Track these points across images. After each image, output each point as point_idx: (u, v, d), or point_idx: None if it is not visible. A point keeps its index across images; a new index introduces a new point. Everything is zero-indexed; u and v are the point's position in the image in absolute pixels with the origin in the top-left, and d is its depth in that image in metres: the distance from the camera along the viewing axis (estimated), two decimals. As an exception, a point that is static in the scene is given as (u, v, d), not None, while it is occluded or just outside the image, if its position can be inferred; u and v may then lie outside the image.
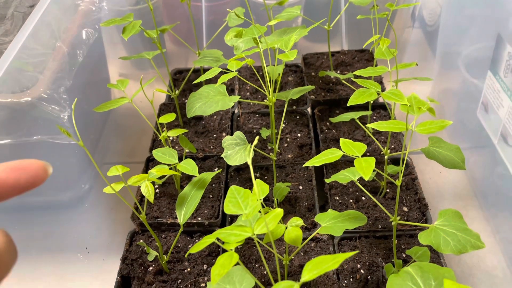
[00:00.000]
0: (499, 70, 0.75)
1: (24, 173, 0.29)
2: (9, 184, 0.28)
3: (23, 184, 0.29)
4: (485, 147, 0.83)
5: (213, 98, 0.69)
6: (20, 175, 0.29)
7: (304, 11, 1.16)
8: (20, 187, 0.29)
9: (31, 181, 0.29)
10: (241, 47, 0.74)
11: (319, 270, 0.37)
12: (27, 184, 0.29)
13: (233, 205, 0.48)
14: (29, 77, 0.72)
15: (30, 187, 0.29)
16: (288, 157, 0.85)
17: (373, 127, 0.55)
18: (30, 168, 0.29)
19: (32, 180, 0.29)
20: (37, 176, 0.29)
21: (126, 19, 0.74)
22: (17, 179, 0.29)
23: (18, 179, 0.29)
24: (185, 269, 0.69)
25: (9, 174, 0.28)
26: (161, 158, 0.67)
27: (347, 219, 0.58)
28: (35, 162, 0.30)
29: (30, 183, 0.29)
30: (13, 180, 0.28)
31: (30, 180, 0.29)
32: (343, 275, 0.67)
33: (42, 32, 0.79)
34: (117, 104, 0.70)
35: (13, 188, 0.29)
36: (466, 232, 0.52)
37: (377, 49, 0.71)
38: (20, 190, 0.29)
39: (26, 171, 0.29)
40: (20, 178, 0.29)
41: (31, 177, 0.29)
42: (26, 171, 0.29)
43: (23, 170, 0.29)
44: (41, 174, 0.29)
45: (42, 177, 0.30)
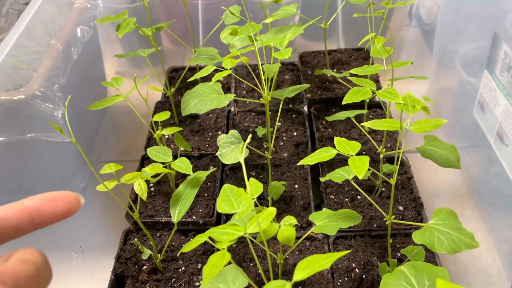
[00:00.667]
0: (495, 69, 0.75)
1: (60, 203, 0.32)
2: (46, 213, 0.31)
3: (58, 214, 0.31)
4: (481, 146, 0.83)
5: (208, 97, 0.68)
6: (57, 206, 0.31)
7: (301, 9, 1.15)
8: (55, 216, 0.31)
9: (66, 211, 0.32)
10: (236, 45, 0.73)
11: (311, 269, 0.37)
12: (62, 213, 0.31)
13: (226, 204, 0.48)
14: (23, 75, 0.72)
15: (64, 217, 0.32)
16: (284, 155, 0.85)
17: (368, 125, 0.55)
18: (65, 199, 0.32)
19: (66, 210, 0.32)
20: (71, 207, 0.32)
21: (120, 16, 0.74)
22: (54, 209, 0.31)
23: (54, 209, 0.31)
24: (179, 268, 0.68)
25: (46, 205, 0.31)
26: (155, 156, 0.67)
27: (341, 218, 0.57)
28: (70, 194, 0.32)
29: (65, 212, 0.32)
30: (50, 210, 0.31)
31: (64, 210, 0.32)
32: (338, 274, 0.67)
33: (36, 30, 0.79)
34: (112, 102, 0.69)
35: (49, 217, 0.31)
36: (460, 231, 0.52)
37: (372, 47, 0.70)
38: (55, 219, 0.32)
39: (62, 201, 0.32)
40: (56, 208, 0.31)
41: (65, 207, 0.32)
42: (61, 201, 0.32)
43: (59, 201, 0.32)
44: (74, 205, 0.32)
45: (75, 207, 0.32)
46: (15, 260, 0.28)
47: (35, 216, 0.31)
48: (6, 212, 0.30)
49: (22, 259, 0.28)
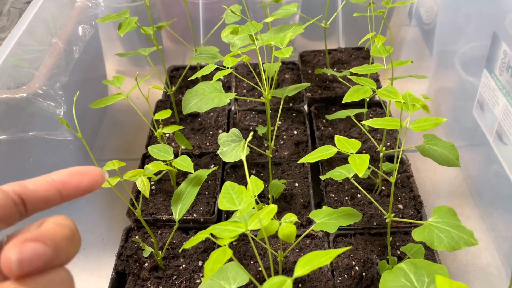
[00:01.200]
0: (494, 68, 0.75)
1: (85, 177, 0.32)
2: (72, 187, 0.32)
3: (84, 187, 0.32)
4: (481, 145, 0.83)
5: (209, 95, 0.69)
6: (82, 179, 0.32)
7: (302, 9, 1.16)
8: (81, 189, 0.32)
9: (91, 185, 0.32)
10: (237, 44, 0.74)
11: (311, 266, 0.37)
12: (87, 187, 0.32)
13: (227, 201, 0.48)
14: (24, 73, 0.72)
15: (89, 190, 0.32)
16: (284, 154, 0.85)
17: (368, 124, 0.55)
18: (90, 173, 0.32)
19: (91, 184, 0.32)
20: (96, 181, 0.33)
21: (122, 15, 0.74)
22: (79, 182, 0.32)
23: (80, 182, 0.32)
24: (180, 266, 0.69)
25: (72, 178, 0.32)
26: (156, 154, 0.67)
27: (341, 216, 0.58)
28: (94, 169, 0.33)
29: (90, 186, 0.32)
30: (76, 183, 0.32)
31: (89, 183, 0.32)
32: (338, 272, 0.67)
33: (38, 28, 0.79)
34: (113, 101, 0.70)
35: (75, 190, 0.32)
36: (459, 229, 0.53)
37: (372, 46, 0.71)
38: (81, 193, 0.32)
39: (87, 175, 0.32)
40: (81, 182, 0.32)
41: (90, 181, 0.32)
42: (87, 176, 0.32)
43: (85, 175, 0.32)
44: (99, 179, 0.33)
45: (100, 181, 0.33)
46: (52, 223, 0.29)
47: (62, 189, 0.32)
48: (36, 185, 0.31)
49: (58, 223, 0.29)
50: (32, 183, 0.31)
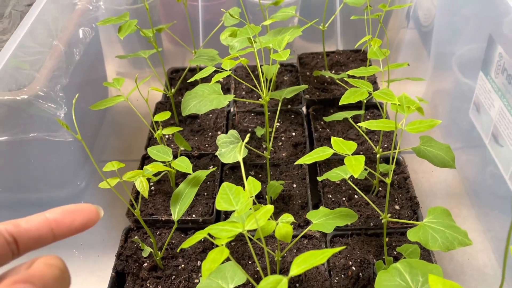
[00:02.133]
0: (490, 70, 0.76)
1: (79, 215, 0.32)
2: (65, 226, 0.32)
3: (77, 226, 0.32)
4: (477, 147, 0.84)
5: (208, 97, 0.70)
6: (75, 218, 0.32)
7: (300, 12, 1.17)
8: (74, 228, 0.32)
9: (84, 223, 0.32)
10: (236, 46, 0.75)
11: (307, 265, 0.38)
12: (80, 226, 0.32)
13: (224, 202, 0.49)
14: (25, 75, 0.73)
15: (83, 229, 0.32)
16: (282, 155, 0.86)
17: (365, 126, 0.56)
18: (84, 211, 0.32)
19: (85, 222, 0.32)
20: (90, 219, 0.33)
21: (122, 18, 0.75)
22: (72, 221, 0.32)
23: (73, 221, 0.32)
24: (179, 265, 0.69)
25: (65, 217, 0.32)
26: (155, 155, 0.68)
27: (338, 216, 0.59)
28: (89, 206, 0.33)
29: (83, 224, 0.32)
30: (69, 222, 0.32)
31: (83, 222, 0.32)
32: (335, 272, 0.68)
33: (39, 31, 0.80)
34: (113, 102, 0.71)
35: (68, 229, 0.32)
36: (454, 229, 0.53)
37: (369, 49, 0.72)
38: (74, 231, 0.32)
39: (81, 213, 0.32)
40: (74, 220, 0.32)
41: (84, 219, 0.32)
42: (80, 214, 0.32)
43: (78, 213, 0.32)
44: (93, 217, 0.33)
45: (94, 219, 0.33)
46: (42, 264, 0.29)
47: (55, 228, 0.31)
48: (28, 224, 0.31)
49: (47, 263, 0.29)
50: (25, 221, 0.31)
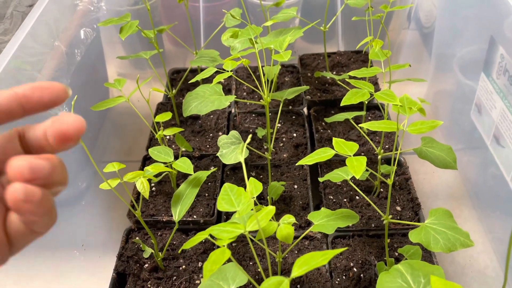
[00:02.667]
0: (492, 71, 0.76)
1: (47, 92, 0.32)
2: (33, 101, 0.32)
3: (45, 101, 0.32)
4: (478, 148, 0.84)
5: (209, 98, 0.70)
6: (43, 93, 0.32)
7: (301, 13, 1.17)
8: (43, 103, 0.32)
9: (53, 100, 0.32)
10: (237, 47, 0.75)
11: (308, 266, 0.38)
12: (49, 102, 0.32)
13: (226, 202, 0.49)
14: (27, 76, 0.73)
15: (52, 105, 0.32)
16: (283, 156, 0.86)
17: (366, 127, 0.56)
18: (53, 88, 0.32)
19: (53, 99, 0.32)
20: (58, 96, 0.32)
21: (123, 19, 0.75)
22: (41, 96, 0.32)
23: (41, 96, 0.32)
24: (180, 266, 0.69)
25: (34, 92, 0.32)
26: (157, 156, 0.68)
27: (339, 217, 0.59)
28: (57, 84, 0.33)
29: (52, 101, 0.32)
30: (37, 97, 0.32)
31: (52, 98, 0.32)
32: (336, 273, 0.68)
33: (41, 32, 0.80)
34: (114, 103, 0.71)
35: (37, 104, 0.32)
36: (455, 231, 0.53)
37: (371, 50, 0.72)
38: (42, 107, 0.32)
39: (49, 90, 0.32)
40: (43, 96, 0.32)
41: (53, 95, 0.32)
42: (48, 90, 0.32)
43: (47, 90, 0.32)
44: (61, 94, 0.33)
45: (63, 97, 0.33)
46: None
47: (24, 103, 0.32)
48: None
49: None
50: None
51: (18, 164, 0.28)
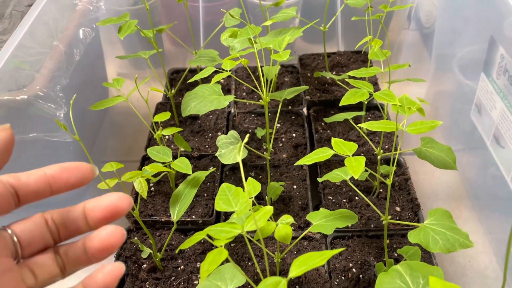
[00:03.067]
0: (492, 71, 0.76)
1: (75, 173, 0.34)
2: (61, 181, 0.33)
3: (72, 182, 0.34)
4: (478, 149, 0.83)
5: (208, 98, 0.69)
6: (71, 174, 0.34)
7: (301, 13, 1.16)
8: (70, 184, 0.34)
9: (79, 180, 0.34)
10: (236, 47, 0.74)
11: (306, 266, 0.37)
12: (76, 182, 0.34)
13: (224, 203, 0.49)
14: (25, 75, 0.73)
15: (78, 185, 0.34)
16: (282, 156, 0.86)
17: (365, 127, 0.56)
18: (80, 169, 0.34)
19: (80, 179, 0.34)
20: (85, 176, 0.34)
21: (122, 18, 0.75)
22: (68, 177, 0.33)
23: (69, 177, 0.33)
24: (178, 267, 0.69)
25: (61, 173, 0.33)
26: (155, 156, 0.68)
27: (338, 218, 0.58)
28: (84, 165, 0.34)
29: (79, 181, 0.34)
30: (65, 178, 0.33)
31: (78, 179, 0.34)
32: (335, 274, 0.67)
33: (39, 31, 0.80)
34: (113, 103, 0.70)
35: (65, 185, 0.33)
36: (455, 231, 0.53)
37: (370, 50, 0.71)
38: (70, 187, 0.34)
39: (76, 171, 0.34)
40: (70, 176, 0.33)
41: (79, 176, 0.34)
42: (76, 171, 0.34)
43: (74, 170, 0.34)
44: (88, 175, 0.34)
45: (89, 177, 0.34)
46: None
47: (52, 183, 0.33)
48: (28, 178, 0.33)
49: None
50: (25, 175, 0.33)
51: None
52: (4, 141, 0.32)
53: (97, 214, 0.34)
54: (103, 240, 0.34)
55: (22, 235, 0.34)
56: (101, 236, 0.34)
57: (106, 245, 0.35)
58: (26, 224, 0.34)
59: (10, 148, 0.32)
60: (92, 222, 0.35)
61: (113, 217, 0.35)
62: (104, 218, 0.35)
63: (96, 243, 0.34)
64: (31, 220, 0.34)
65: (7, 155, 0.32)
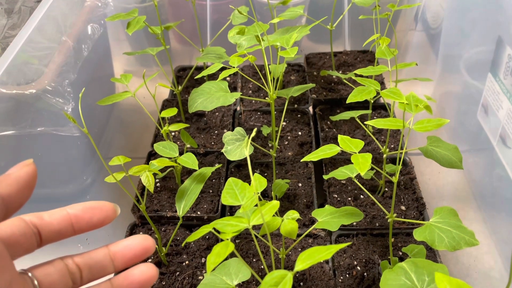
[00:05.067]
0: (499, 72, 0.76)
1: (97, 212, 0.34)
2: (84, 221, 0.34)
3: (95, 222, 0.34)
4: (485, 149, 0.83)
5: (215, 94, 0.70)
6: (94, 214, 0.34)
7: (308, 11, 1.17)
8: (92, 224, 0.34)
9: (102, 220, 0.34)
10: (243, 44, 0.75)
11: (312, 260, 0.38)
12: (98, 222, 0.34)
13: (230, 196, 0.49)
14: (34, 70, 0.73)
15: (100, 225, 0.35)
16: (288, 154, 0.86)
17: (372, 124, 0.56)
18: (103, 209, 0.34)
19: (102, 219, 0.34)
20: (107, 216, 0.35)
21: (131, 14, 0.76)
22: (91, 217, 0.34)
23: (92, 217, 0.34)
24: (183, 262, 0.69)
25: (85, 213, 0.34)
26: (162, 151, 0.68)
27: (343, 215, 0.58)
28: (107, 204, 0.35)
29: (101, 221, 0.34)
30: (88, 218, 0.34)
31: (101, 219, 0.34)
32: (340, 271, 0.67)
33: (48, 26, 0.80)
34: (120, 98, 0.71)
35: (87, 224, 0.34)
36: (460, 229, 0.53)
37: (377, 48, 0.71)
38: (92, 227, 0.34)
39: (99, 211, 0.34)
40: (93, 217, 0.34)
41: (102, 216, 0.34)
42: (99, 211, 0.34)
43: (97, 210, 0.34)
44: (110, 215, 0.35)
45: (111, 216, 0.35)
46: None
47: (75, 223, 0.33)
48: (51, 217, 0.33)
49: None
50: (48, 215, 0.33)
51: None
52: (28, 176, 0.31)
53: (128, 254, 0.35)
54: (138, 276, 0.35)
55: (42, 280, 0.33)
56: (135, 275, 0.35)
57: (142, 282, 0.35)
58: (46, 268, 0.34)
59: (33, 184, 0.32)
60: (120, 263, 0.36)
61: (142, 257, 0.36)
62: (134, 258, 0.36)
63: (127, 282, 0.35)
64: (51, 265, 0.34)
65: (30, 191, 0.31)
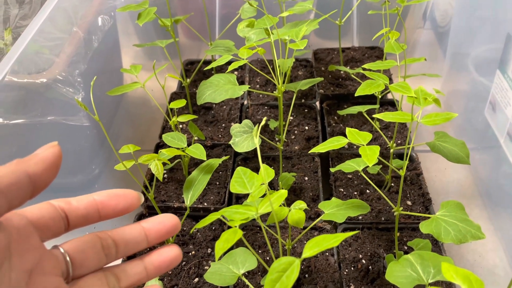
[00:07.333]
0: (507, 68, 0.75)
1: (123, 200, 0.35)
2: (109, 208, 0.35)
3: (120, 209, 0.35)
4: (492, 147, 0.83)
5: (223, 87, 0.70)
6: (119, 202, 0.35)
7: (317, 7, 1.17)
8: (118, 210, 0.35)
9: (127, 207, 0.35)
10: (252, 38, 0.75)
11: (320, 247, 0.38)
12: (123, 209, 0.35)
13: (239, 185, 0.50)
14: (45, 60, 0.74)
15: (125, 212, 0.36)
16: (295, 148, 0.86)
17: (380, 117, 0.56)
18: (128, 196, 0.35)
19: (127, 206, 0.35)
20: (132, 204, 0.36)
21: (141, 5, 0.76)
22: (117, 203, 0.35)
23: (117, 203, 0.35)
24: (189, 252, 0.70)
25: (110, 200, 0.35)
26: (170, 142, 0.69)
27: (350, 207, 0.59)
28: (131, 192, 0.36)
29: (126, 208, 0.35)
30: (114, 205, 0.35)
31: (126, 206, 0.35)
32: (345, 264, 0.68)
33: (59, 17, 0.81)
34: (130, 88, 0.71)
35: (113, 211, 0.35)
36: (467, 223, 0.53)
37: (386, 43, 0.72)
38: (117, 214, 0.35)
39: (124, 198, 0.35)
40: (119, 203, 0.35)
41: (127, 203, 0.35)
42: (124, 198, 0.35)
43: (122, 197, 0.35)
44: (135, 202, 0.36)
45: (136, 204, 0.36)
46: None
47: (101, 209, 0.34)
48: (78, 203, 0.34)
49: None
50: (76, 200, 0.34)
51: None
52: (54, 156, 0.32)
53: (162, 230, 0.37)
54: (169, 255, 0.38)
55: (75, 255, 0.34)
56: (166, 253, 0.38)
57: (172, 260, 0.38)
58: (79, 243, 0.35)
59: (58, 164, 0.32)
60: (153, 239, 0.37)
61: (173, 233, 0.39)
62: (166, 234, 0.38)
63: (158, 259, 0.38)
64: (85, 240, 0.35)
65: (55, 171, 0.32)
